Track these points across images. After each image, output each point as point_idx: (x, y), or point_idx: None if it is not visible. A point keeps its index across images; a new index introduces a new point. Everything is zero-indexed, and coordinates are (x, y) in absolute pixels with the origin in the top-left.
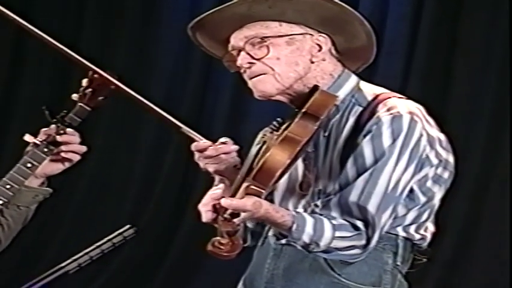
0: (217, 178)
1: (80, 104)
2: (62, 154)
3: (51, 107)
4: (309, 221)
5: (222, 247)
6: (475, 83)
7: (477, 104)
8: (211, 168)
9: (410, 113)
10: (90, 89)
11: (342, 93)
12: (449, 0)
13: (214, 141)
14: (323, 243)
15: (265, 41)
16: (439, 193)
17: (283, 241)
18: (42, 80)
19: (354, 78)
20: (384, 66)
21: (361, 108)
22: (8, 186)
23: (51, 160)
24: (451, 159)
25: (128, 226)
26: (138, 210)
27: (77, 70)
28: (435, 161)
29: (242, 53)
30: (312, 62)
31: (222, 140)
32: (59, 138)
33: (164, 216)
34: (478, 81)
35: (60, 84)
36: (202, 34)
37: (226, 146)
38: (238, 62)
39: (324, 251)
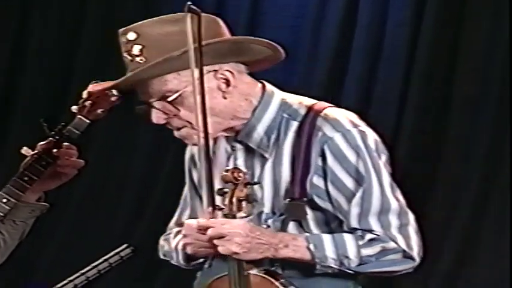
0: None
1: (79, 116)
2: (59, 169)
3: (49, 114)
4: (325, 236)
5: None
6: (477, 89)
7: (479, 109)
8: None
9: (355, 124)
10: (89, 101)
11: (270, 113)
12: (450, 5)
13: None
14: (352, 255)
15: (171, 96)
16: None
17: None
18: (40, 90)
19: (278, 95)
20: (384, 72)
21: (296, 123)
22: (4, 201)
23: (49, 174)
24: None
25: (124, 245)
26: (132, 225)
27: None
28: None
29: (154, 110)
30: (225, 98)
31: None
32: (56, 152)
33: (158, 232)
34: (479, 87)
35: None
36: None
37: None
38: (154, 120)
39: (360, 264)
